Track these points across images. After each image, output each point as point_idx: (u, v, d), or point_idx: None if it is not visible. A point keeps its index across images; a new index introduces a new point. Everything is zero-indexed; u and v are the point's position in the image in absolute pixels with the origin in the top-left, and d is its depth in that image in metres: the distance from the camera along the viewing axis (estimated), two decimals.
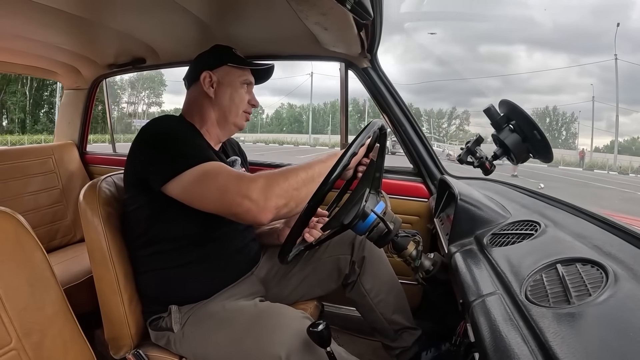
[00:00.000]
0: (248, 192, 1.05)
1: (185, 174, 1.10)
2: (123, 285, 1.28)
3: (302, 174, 1.12)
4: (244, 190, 1.06)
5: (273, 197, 1.06)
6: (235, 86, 1.39)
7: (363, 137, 1.03)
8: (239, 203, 1.05)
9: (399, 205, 1.92)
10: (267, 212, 1.06)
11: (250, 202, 1.04)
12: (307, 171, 1.13)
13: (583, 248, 0.80)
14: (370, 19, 1.18)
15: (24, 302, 0.88)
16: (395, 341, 1.53)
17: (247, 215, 1.06)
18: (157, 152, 1.16)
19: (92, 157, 2.78)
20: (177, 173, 1.10)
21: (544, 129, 1.14)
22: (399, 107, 1.91)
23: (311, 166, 1.15)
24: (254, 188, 1.06)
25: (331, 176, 0.95)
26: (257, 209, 1.05)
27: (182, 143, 1.17)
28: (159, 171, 1.14)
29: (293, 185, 1.09)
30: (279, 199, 1.06)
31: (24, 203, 2.25)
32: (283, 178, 1.09)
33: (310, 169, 1.14)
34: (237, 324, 1.19)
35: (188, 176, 1.10)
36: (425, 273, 1.14)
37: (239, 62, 1.40)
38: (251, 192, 1.05)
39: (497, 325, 0.63)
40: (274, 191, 1.06)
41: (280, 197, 1.07)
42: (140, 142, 1.21)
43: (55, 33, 1.80)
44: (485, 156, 1.36)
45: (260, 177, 1.08)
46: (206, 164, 1.11)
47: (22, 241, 0.91)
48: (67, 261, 2.07)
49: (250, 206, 1.05)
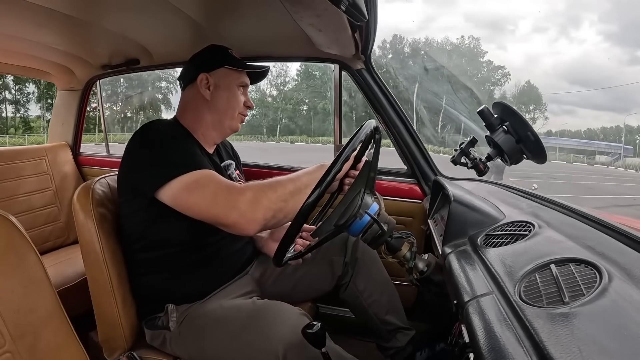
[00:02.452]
0: (237, 203, 1.08)
1: (175, 181, 1.11)
2: (117, 287, 1.28)
3: (289, 186, 1.13)
4: (232, 202, 1.08)
5: (261, 210, 1.08)
6: (233, 89, 1.38)
7: (355, 141, 1.02)
8: (226, 214, 1.09)
9: (393, 207, 1.92)
10: (254, 224, 1.09)
11: (238, 214, 1.08)
12: (295, 183, 1.14)
13: (576, 248, 0.80)
14: (364, 21, 1.18)
15: (18, 304, 0.87)
16: (389, 342, 1.53)
17: (235, 226, 1.10)
18: (147, 159, 1.17)
19: (85, 159, 2.76)
20: (166, 181, 1.11)
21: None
22: (392, 109, 1.91)
23: (299, 178, 1.16)
24: (242, 200, 1.08)
25: (328, 175, 0.95)
26: (245, 221, 1.08)
27: (173, 150, 1.17)
28: (149, 179, 1.14)
29: (281, 197, 1.11)
30: (267, 211, 1.09)
31: (17, 204, 2.23)
32: (271, 190, 1.11)
33: (298, 180, 1.15)
34: (235, 321, 1.19)
35: (178, 184, 1.11)
36: (420, 274, 1.15)
37: (236, 65, 1.39)
38: (240, 204, 1.08)
39: (491, 326, 0.64)
40: (262, 203, 1.09)
41: (268, 209, 1.09)
42: (132, 148, 1.22)
43: (49, 33, 1.79)
44: (479, 157, 1.37)
45: (248, 189, 1.11)
46: (196, 172, 1.12)
47: (16, 243, 0.90)
48: (60, 263, 2.06)
49: (238, 218, 1.08)
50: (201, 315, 1.25)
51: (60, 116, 2.77)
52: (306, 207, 0.94)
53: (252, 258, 1.52)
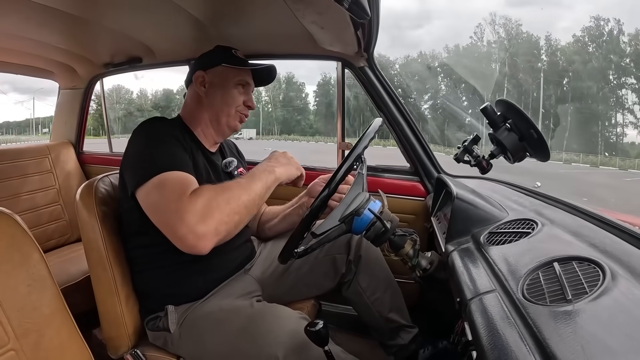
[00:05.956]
0: (186, 215, 0.98)
1: (149, 182, 1.07)
2: (120, 285, 1.28)
3: (244, 197, 1.08)
4: (181, 212, 0.98)
5: (213, 224, 1.00)
6: (228, 86, 1.37)
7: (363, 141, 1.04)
8: (175, 225, 0.99)
9: (396, 204, 1.92)
10: (206, 241, 0.99)
11: (187, 230, 0.98)
12: (249, 193, 1.10)
13: (580, 246, 0.80)
14: (367, 18, 1.18)
15: (21, 302, 0.88)
16: (392, 339, 1.53)
17: (183, 243, 0.99)
18: (131, 158, 1.17)
19: (88, 157, 2.77)
20: (142, 181, 1.08)
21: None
22: (395, 106, 1.91)
23: (251, 187, 1.12)
24: (191, 211, 0.99)
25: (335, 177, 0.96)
26: (195, 237, 0.98)
27: (156, 150, 1.14)
28: (130, 178, 1.13)
29: (234, 209, 1.05)
30: (220, 225, 1.01)
31: (21, 203, 2.24)
32: (224, 202, 1.04)
33: (251, 190, 1.11)
34: (234, 325, 1.19)
35: (149, 185, 1.07)
36: (422, 272, 1.15)
37: (234, 62, 1.38)
38: (189, 216, 0.98)
39: (494, 324, 0.64)
40: (214, 217, 1.01)
41: (221, 223, 1.01)
42: (127, 145, 1.22)
43: (52, 32, 1.80)
44: (482, 155, 1.37)
45: (200, 197, 1.02)
46: (167, 173, 1.07)
47: (19, 241, 0.91)
48: (64, 261, 2.07)
49: (187, 234, 0.98)
50: (201, 317, 1.25)
51: (63, 115, 2.78)
52: (319, 203, 0.95)
53: (251, 256, 1.52)
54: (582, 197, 11.89)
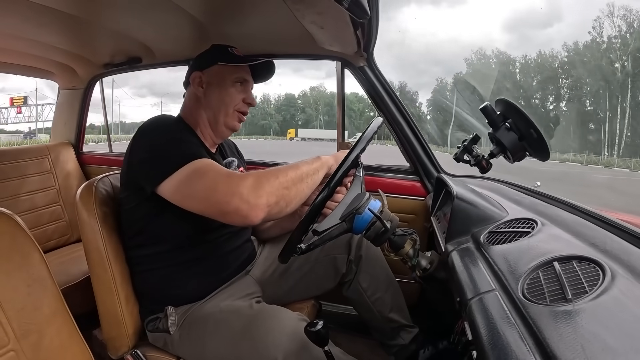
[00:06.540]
0: (238, 189, 1.02)
1: (176, 174, 1.08)
2: (120, 286, 1.28)
3: (291, 173, 1.11)
4: (233, 188, 1.03)
5: (264, 195, 1.03)
6: (225, 85, 1.36)
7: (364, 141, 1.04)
8: (228, 201, 1.02)
9: (396, 204, 1.92)
10: (258, 210, 1.03)
11: (240, 200, 1.01)
12: (296, 171, 1.12)
13: (580, 246, 0.80)
14: (367, 18, 1.18)
15: (22, 302, 0.88)
16: (393, 339, 1.53)
17: (237, 214, 1.03)
18: (149, 154, 1.16)
19: (88, 157, 2.77)
20: (166, 175, 1.09)
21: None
22: (395, 106, 1.91)
23: (298, 167, 1.15)
24: (244, 185, 1.03)
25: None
26: (248, 207, 1.02)
27: (173, 143, 1.15)
28: (151, 174, 1.13)
29: (283, 184, 1.08)
30: (270, 196, 1.04)
31: (20, 203, 2.24)
32: (273, 176, 1.07)
33: (298, 169, 1.14)
34: (233, 327, 1.19)
35: (179, 176, 1.08)
36: (422, 271, 1.14)
37: (230, 60, 1.37)
38: (241, 189, 1.02)
39: (494, 323, 0.64)
40: (264, 189, 1.04)
41: (271, 194, 1.04)
42: (134, 143, 1.20)
43: (51, 32, 1.79)
44: (482, 155, 1.37)
45: (250, 175, 1.07)
46: (196, 161, 1.10)
47: (19, 242, 0.91)
48: (64, 261, 2.07)
49: (240, 204, 1.01)
50: (200, 318, 1.25)
51: (62, 115, 2.78)
52: (319, 202, 0.95)
53: (251, 257, 1.52)
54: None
